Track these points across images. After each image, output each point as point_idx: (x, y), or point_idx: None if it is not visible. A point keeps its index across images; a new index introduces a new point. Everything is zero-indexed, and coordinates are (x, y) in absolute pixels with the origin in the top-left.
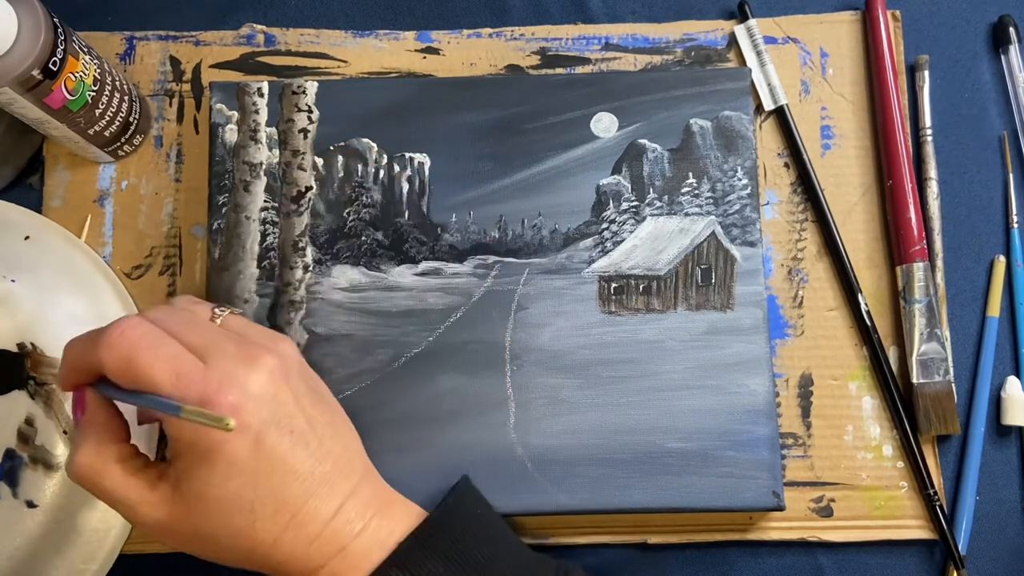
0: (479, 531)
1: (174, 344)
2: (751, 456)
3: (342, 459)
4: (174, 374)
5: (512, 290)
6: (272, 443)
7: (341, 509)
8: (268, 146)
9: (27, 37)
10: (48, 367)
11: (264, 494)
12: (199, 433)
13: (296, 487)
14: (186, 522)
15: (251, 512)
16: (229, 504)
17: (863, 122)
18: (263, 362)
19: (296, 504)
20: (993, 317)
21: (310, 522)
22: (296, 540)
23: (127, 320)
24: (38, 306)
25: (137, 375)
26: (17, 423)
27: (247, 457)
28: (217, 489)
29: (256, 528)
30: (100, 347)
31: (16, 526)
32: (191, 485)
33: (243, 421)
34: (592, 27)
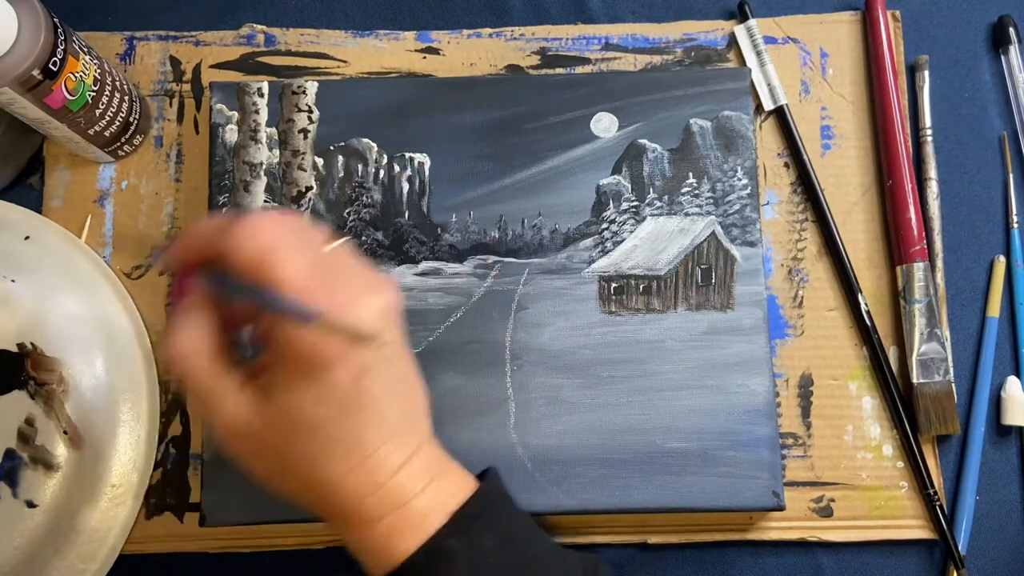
0: (519, 513)
1: (307, 254)
2: (751, 456)
3: (416, 416)
4: (303, 282)
5: (512, 290)
6: (369, 381)
7: (407, 464)
8: (268, 146)
9: (27, 37)
10: (48, 367)
11: (346, 428)
12: (313, 348)
13: (374, 431)
14: (263, 433)
15: (328, 443)
16: (312, 428)
17: (863, 122)
18: (380, 298)
19: (369, 448)
20: (993, 317)
21: (377, 470)
22: (360, 485)
23: (266, 215)
24: (38, 306)
25: (267, 271)
26: (17, 423)
27: (345, 387)
28: (306, 410)
29: (328, 460)
30: (236, 234)
31: (16, 526)
32: (282, 398)
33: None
34: (592, 27)
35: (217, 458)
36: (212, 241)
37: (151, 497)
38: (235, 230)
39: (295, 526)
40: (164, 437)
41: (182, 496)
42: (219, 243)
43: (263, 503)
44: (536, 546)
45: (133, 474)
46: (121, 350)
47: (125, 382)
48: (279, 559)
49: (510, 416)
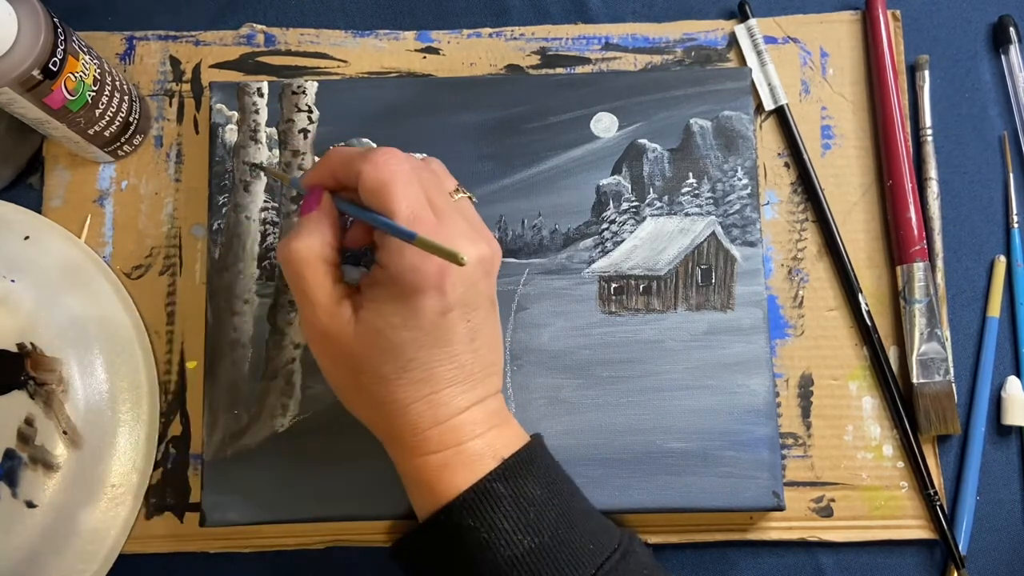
0: (564, 472)
1: (421, 192)
2: (751, 456)
3: (489, 369)
4: (412, 214)
5: (512, 290)
6: (453, 319)
7: (470, 409)
8: (268, 146)
9: (27, 37)
10: (48, 367)
11: (422, 358)
12: (408, 272)
13: (447, 369)
14: (347, 343)
15: (403, 368)
16: (393, 349)
17: (863, 122)
18: (481, 248)
19: (440, 383)
20: (993, 317)
21: (442, 406)
22: (424, 415)
23: (393, 152)
24: (38, 306)
25: (383, 199)
26: (17, 423)
27: (430, 318)
28: (392, 330)
29: (399, 384)
30: (366, 163)
31: (16, 526)
32: (372, 315)
33: (444, 287)
34: (592, 27)
35: (217, 458)
36: (347, 165)
37: (151, 497)
38: (369, 158)
39: (295, 526)
40: (164, 437)
41: (182, 496)
42: (352, 167)
43: (263, 503)
44: (581, 503)
45: (133, 474)
46: (121, 350)
47: (125, 382)
48: (279, 559)
49: None
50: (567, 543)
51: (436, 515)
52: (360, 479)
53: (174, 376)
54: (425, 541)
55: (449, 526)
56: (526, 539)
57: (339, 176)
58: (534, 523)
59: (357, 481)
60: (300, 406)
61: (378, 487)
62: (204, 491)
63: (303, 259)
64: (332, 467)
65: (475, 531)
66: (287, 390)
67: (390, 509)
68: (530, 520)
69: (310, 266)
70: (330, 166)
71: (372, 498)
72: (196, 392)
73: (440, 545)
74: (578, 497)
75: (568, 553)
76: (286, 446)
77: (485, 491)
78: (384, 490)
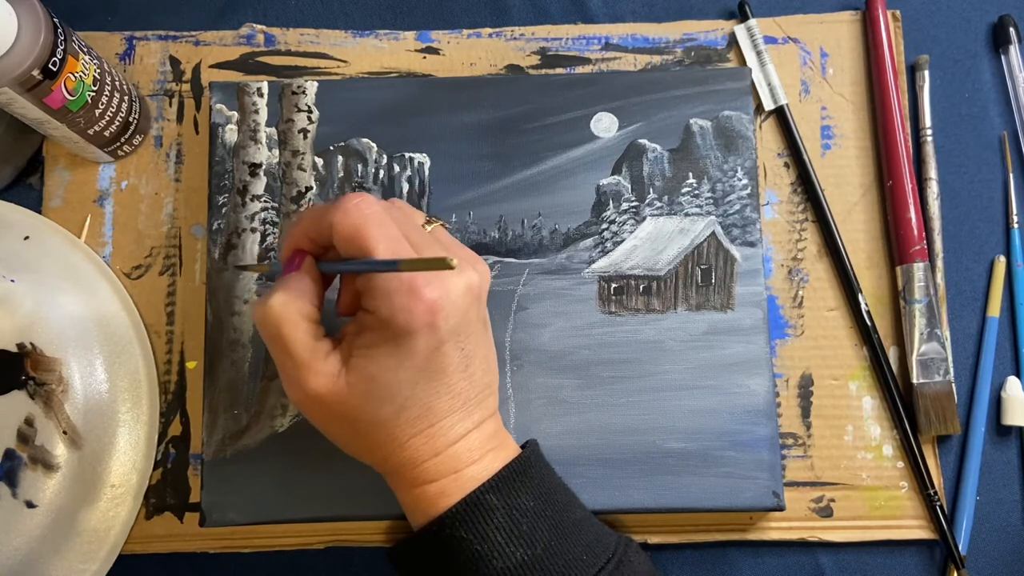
0: (559, 481)
1: (397, 230)
2: (751, 456)
3: (484, 392)
4: (392, 252)
5: (512, 290)
6: (447, 352)
7: (468, 435)
8: (268, 146)
9: (27, 37)
10: (48, 367)
11: (419, 394)
12: (400, 313)
13: (444, 400)
14: (340, 399)
15: (401, 407)
16: (389, 392)
17: (863, 122)
18: (467, 275)
19: (437, 416)
20: (993, 317)
21: (440, 437)
22: (422, 448)
23: (362, 196)
24: (38, 306)
25: (359, 244)
26: (17, 423)
27: (425, 355)
28: (387, 373)
29: (397, 424)
30: (336, 212)
31: (16, 526)
32: (364, 363)
33: (436, 321)
34: (592, 27)
35: (217, 458)
36: (318, 220)
37: (151, 497)
38: (338, 206)
39: (295, 526)
40: (164, 437)
41: (182, 496)
42: (323, 220)
43: (263, 503)
44: (575, 512)
45: (133, 474)
46: (121, 350)
47: (125, 382)
48: (279, 559)
49: (510, 416)
50: (560, 554)
51: (428, 526)
52: (359, 479)
53: (174, 376)
54: (418, 552)
55: (441, 537)
56: (519, 551)
57: (313, 234)
58: (527, 535)
59: (357, 481)
60: None
61: (378, 487)
62: (204, 491)
63: (280, 316)
64: (332, 467)
65: (467, 543)
66: None
67: (390, 509)
68: (523, 532)
69: (289, 323)
70: (302, 227)
71: (372, 498)
72: (196, 392)
73: (433, 556)
74: (573, 506)
75: (561, 564)
76: (286, 446)
77: (477, 502)
78: (384, 490)
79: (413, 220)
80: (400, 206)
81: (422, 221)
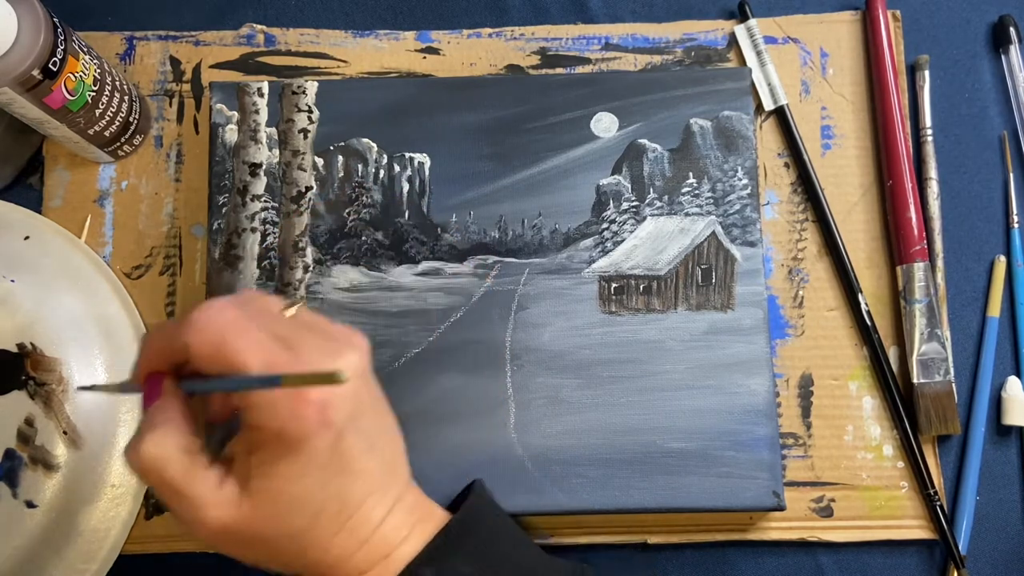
0: (502, 532)
1: (262, 331)
2: (751, 456)
3: (394, 463)
4: (264, 360)
5: (512, 290)
6: (348, 442)
7: (390, 514)
8: (268, 146)
9: (27, 37)
10: (48, 367)
11: (331, 493)
12: (290, 423)
13: (357, 489)
14: (249, 523)
15: (316, 513)
16: (299, 502)
17: (863, 122)
18: (347, 357)
19: (354, 506)
20: (993, 317)
21: (362, 526)
22: (347, 544)
23: (214, 304)
24: (38, 306)
25: (226, 358)
26: (17, 423)
27: (325, 454)
28: (292, 485)
29: (317, 529)
30: (189, 331)
31: (16, 526)
32: (265, 482)
33: (328, 417)
34: (592, 27)
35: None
36: (170, 341)
37: (151, 497)
38: (188, 325)
39: None
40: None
41: None
42: (176, 341)
43: None
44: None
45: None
46: (121, 350)
47: None
48: None
49: (510, 416)
50: None
51: None
52: None
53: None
54: None
55: None
56: None
57: (168, 356)
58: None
59: None
60: None
61: None
62: None
63: (156, 461)
64: None
65: None
66: None
67: None
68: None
69: (171, 464)
70: (153, 349)
71: None
72: None
73: None
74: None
75: None
76: None
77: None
78: None
79: (271, 311)
80: (254, 299)
81: (280, 308)
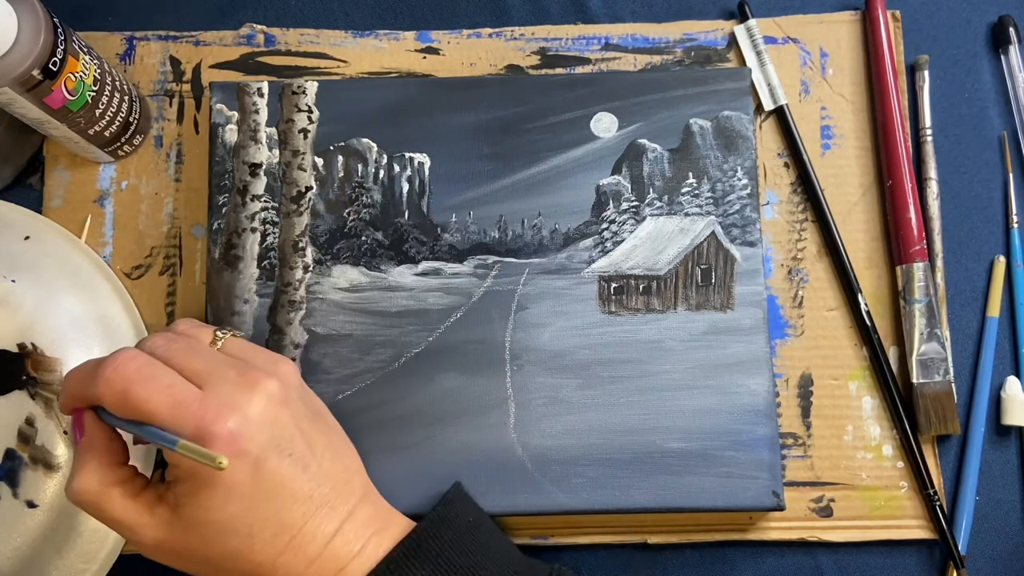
0: (467, 539)
1: (170, 374)
2: (751, 456)
3: (341, 480)
4: (171, 404)
5: (512, 290)
6: (272, 467)
7: (340, 530)
8: (268, 146)
9: (27, 37)
10: (48, 367)
11: (264, 517)
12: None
13: (295, 510)
14: (184, 544)
15: (249, 536)
16: (228, 527)
17: (863, 122)
18: (263, 386)
19: (295, 527)
20: (993, 317)
21: (309, 544)
22: (294, 562)
23: (123, 353)
24: (38, 306)
25: (134, 407)
26: (17, 423)
27: (247, 482)
28: (216, 514)
29: (255, 551)
30: (97, 381)
31: (16, 526)
32: (190, 510)
33: (242, 447)
34: (592, 27)
35: None
36: (85, 386)
37: None
38: (98, 374)
39: None
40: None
41: None
42: (90, 389)
43: None
44: (485, 569)
45: None
46: None
47: None
48: None
49: (510, 416)
50: None
51: None
52: None
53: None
54: None
55: None
56: None
57: (87, 397)
58: None
59: None
60: None
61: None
62: None
63: (91, 497)
64: None
65: None
66: None
67: None
68: None
69: (103, 498)
70: (70, 391)
71: None
72: None
73: None
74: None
75: None
76: None
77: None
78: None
79: (200, 344)
80: (183, 333)
81: (210, 339)
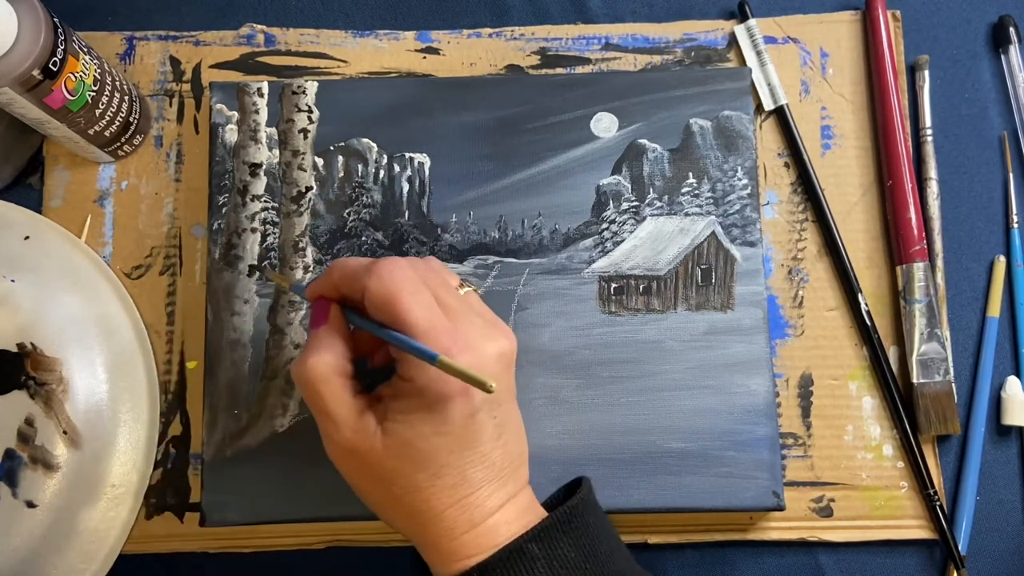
0: (606, 528)
1: (432, 297)
2: (751, 456)
3: (517, 462)
4: (427, 323)
5: (512, 290)
6: (481, 421)
7: (503, 507)
8: (268, 146)
9: (27, 37)
10: (48, 367)
11: (454, 463)
12: (434, 382)
13: (479, 470)
14: (374, 458)
15: (436, 475)
16: (423, 458)
17: (863, 122)
18: (501, 344)
19: (473, 485)
20: (993, 317)
21: (477, 507)
22: (460, 519)
23: (396, 260)
24: (38, 306)
25: (395, 313)
26: (17, 423)
27: (460, 422)
28: (423, 440)
29: (432, 492)
30: (370, 276)
31: (16, 526)
32: (400, 427)
33: (471, 391)
34: (592, 27)
35: (217, 458)
36: (351, 280)
37: (151, 497)
38: (372, 271)
39: (295, 526)
40: (164, 437)
41: (182, 496)
42: (356, 282)
43: (263, 503)
44: (617, 564)
45: (133, 474)
46: (121, 350)
47: (125, 382)
48: (279, 559)
49: None
50: None
51: (469, 572)
52: None
53: (174, 376)
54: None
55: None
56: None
57: (344, 291)
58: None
59: None
60: (300, 406)
61: None
62: (204, 491)
63: (319, 377)
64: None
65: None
66: (287, 390)
67: None
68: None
69: (327, 383)
70: (333, 281)
71: None
72: (196, 392)
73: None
74: (617, 556)
75: None
76: (286, 446)
77: (519, 551)
78: None
79: (448, 283)
80: (436, 268)
81: (456, 284)
